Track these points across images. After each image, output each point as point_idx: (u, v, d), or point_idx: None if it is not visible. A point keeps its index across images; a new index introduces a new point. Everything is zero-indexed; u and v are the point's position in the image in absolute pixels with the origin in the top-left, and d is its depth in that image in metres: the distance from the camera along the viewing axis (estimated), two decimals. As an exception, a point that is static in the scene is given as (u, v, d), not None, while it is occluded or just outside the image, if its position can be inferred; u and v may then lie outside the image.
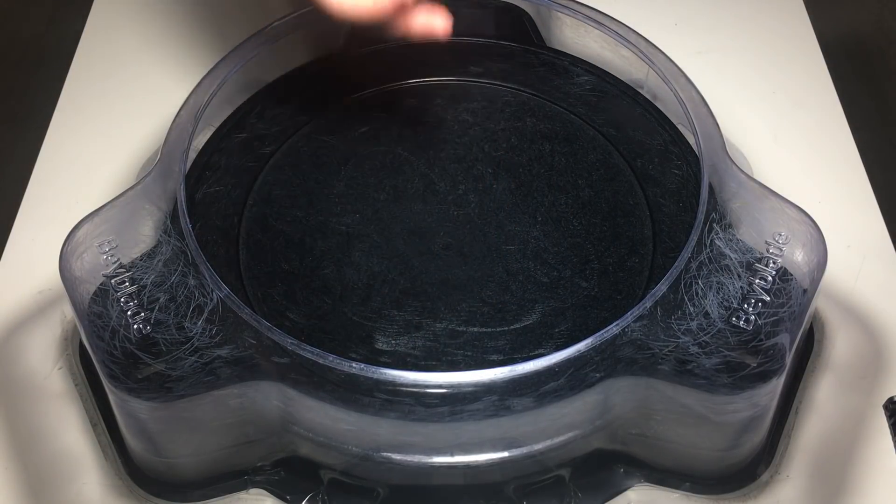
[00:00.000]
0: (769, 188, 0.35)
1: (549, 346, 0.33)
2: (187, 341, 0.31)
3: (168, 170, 0.36)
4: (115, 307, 0.32)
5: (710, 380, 0.31)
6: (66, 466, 0.35)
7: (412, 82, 0.42)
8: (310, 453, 0.34)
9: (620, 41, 0.40)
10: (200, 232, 0.36)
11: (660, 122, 0.40)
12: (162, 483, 0.35)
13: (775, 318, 0.32)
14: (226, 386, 0.31)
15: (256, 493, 0.35)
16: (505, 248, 0.36)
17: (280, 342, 0.31)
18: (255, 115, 0.41)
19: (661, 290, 0.32)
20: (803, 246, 0.33)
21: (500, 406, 0.31)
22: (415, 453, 0.33)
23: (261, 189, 0.38)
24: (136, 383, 0.31)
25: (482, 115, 0.41)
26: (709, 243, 0.34)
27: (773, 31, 0.50)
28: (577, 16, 0.41)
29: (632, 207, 0.37)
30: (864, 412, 0.36)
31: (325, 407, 0.32)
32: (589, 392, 0.32)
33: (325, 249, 0.36)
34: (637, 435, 0.34)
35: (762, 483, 0.35)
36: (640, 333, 0.32)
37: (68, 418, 0.36)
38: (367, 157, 0.39)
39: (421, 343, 0.33)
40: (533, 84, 0.42)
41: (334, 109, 0.41)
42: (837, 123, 0.46)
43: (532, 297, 0.35)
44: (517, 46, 0.43)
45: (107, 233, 0.34)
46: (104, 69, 0.48)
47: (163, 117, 0.40)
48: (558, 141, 0.40)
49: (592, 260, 0.36)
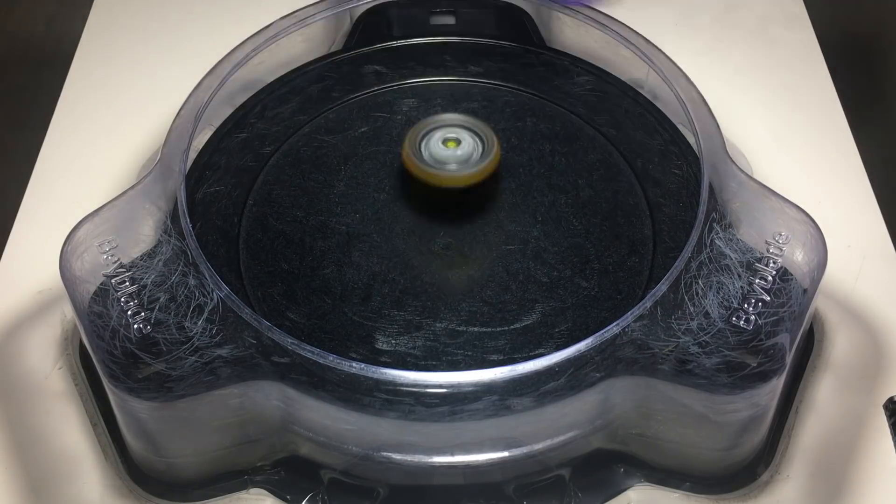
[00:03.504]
0: (769, 188, 0.35)
1: (549, 346, 0.33)
2: (187, 341, 0.31)
3: (168, 170, 0.36)
4: (115, 307, 0.32)
5: (710, 380, 0.31)
6: (66, 466, 0.35)
7: (412, 82, 0.42)
8: (310, 453, 0.34)
9: (620, 41, 0.40)
10: (200, 232, 0.36)
11: (660, 122, 0.40)
12: (162, 483, 0.35)
13: (775, 318, 0.32)
14: (226, 386, 0.31)
15: (256, 493, 0.35)
16: (505, 248, 0.36)
17: (280, 342, 0.31)
18: (255, 115, 0.41)
19: (661, 290, 0.32)
20: (803, 246, 0.33)
21: (500, 406, 0.31)
22: (415, 453, 0.33)
23: (261, 189, 0.38)
24: (136, 383, 0.31)
25: (482, 115, 0.41)
26: (709, 243, 0.34)
27: (773, 31, 0.50)
28: (577, 16, 0.41)
29: (632, 207, 0.37)
30: (864, 412, 0.36)
31: (325, 407, 0.32)
32: (589, 392, 0.32)
33: (325, 249, 0.36)
34: (637, 435, 0.34)
35: (762, 483, 0.35)
36: (640, 333, 0.32)
37: (68, 418, 0.36)
38: (367, 157, 0.39)
39: (421, 343, 0.33)
40: (533, 84, 0.42)
41: (334, 109, 0.41)
42: (837, 123, 0.46)
43: (532, 297, 0.35)
44: (517, 46, 0.43)
45: (107, 233, 0.34)
46: (104, 69, 0.48)
47: (163, 117, 0.40)
48: (558, 141, 0.40)
49: (592, 260, 0.36)
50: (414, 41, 0.44)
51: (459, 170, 0.35)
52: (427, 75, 0.42)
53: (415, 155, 0.35)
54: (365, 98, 0.41)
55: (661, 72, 0.39)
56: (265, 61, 0.41)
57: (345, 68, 0.43)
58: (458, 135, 0.36)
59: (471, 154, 0.36)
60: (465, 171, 0.35)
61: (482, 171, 0.35)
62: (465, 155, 0.36)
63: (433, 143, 0.36)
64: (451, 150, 0.36)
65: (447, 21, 0.45)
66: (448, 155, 0.35)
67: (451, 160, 0.35)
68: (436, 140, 0.36)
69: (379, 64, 0.43)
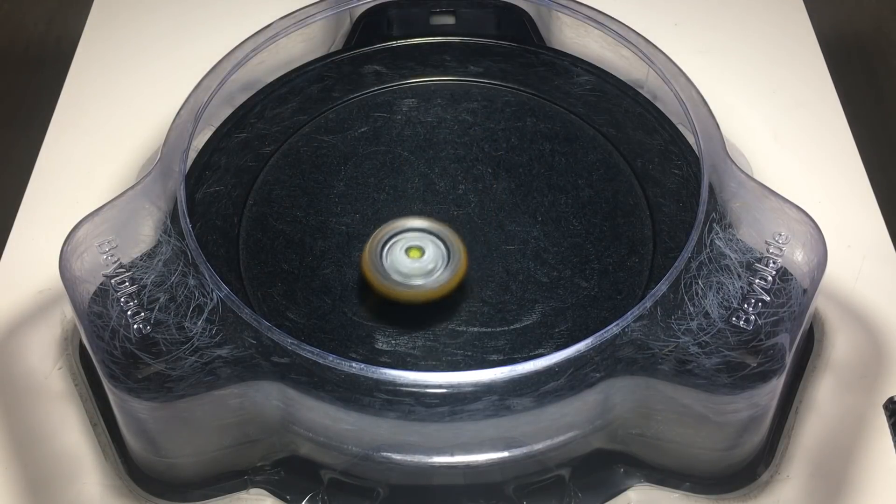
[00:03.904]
0: (769, 188, 0.35)
1: (549, 346, 0.33)
2: (187, 341, 0.31)
3: (168, 170, 0.36)
4: (115, 307, 0.32)
5: (710, 380, 0.31)
6: (66, 466, 0.35)
7: (412, 82, 0.42)
8: (310, 453, 0.34)
9: (620, 41, 0.40)
10: (200, 232, 0.36)
11: (660, 122, 0.40)
12: (162, 483, 0.35)
13: (775, 318, 0.32)
14: (226, 386, 0.31)
15: (256, 493, 0.35)
16: (505, 248, 0.36)
17: (280, 342, 0.31)
18: (255, 115, 0.41)
19: (661, 290, 0.32)
20: (803, 246, 0.33)
21: (500, 406, 0.31)
22: (415, 453, 0.33)
23: (261, 189, 0.38)
24: (136, 383, 0.31)
25: (482, 115, 0.41)
26: (709, 243, 0.34)
27: (773, 31, 0.50)
28: (577, 16, 0.41)
29: (632, 207, 0.37)
30: (864, 412, 0.36)
31: (325, 407, 0.32)
32: (589, 392, 0.32)
33: (325, 249, 0.36)
34: (637, 435, 0.34)
35: (762, 483, 0.35)
36: (640, 333, 0.32)
37: (68, 418, 0.36)
38: (367, 157, 0.39)
39: (421, 343, 0.33)
40: (533, 84, 0.42)
41: (334, 109, 0.41)
42: (837, 123, 0.46)
43: (532, 297, 0.35)
44: (517, 46, 0.43)
45: (107, 233, 0.34)
46: (104, 69, 0.48)
47: (163, 117, 0.40)
48: (558, 141, 0.40)
49: (592, 260, 0.36)
50: (414, 41, 0.44)
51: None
52: (427, 75, 0.42)
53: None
54: (365, 98, 0.41)
55: (660, 72, 0.39)
56: (265, 61, 0.41)
57: (345, 68, 0.43)
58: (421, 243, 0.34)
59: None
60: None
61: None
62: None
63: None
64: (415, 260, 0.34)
65: (447, 21, 0.45)
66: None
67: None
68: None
69: (379, 64, 0.43)
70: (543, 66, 0.43)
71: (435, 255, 0.34)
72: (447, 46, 0.43)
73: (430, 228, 0.34)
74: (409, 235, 0.34)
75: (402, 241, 0.34)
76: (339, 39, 0.45)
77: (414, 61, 0.43)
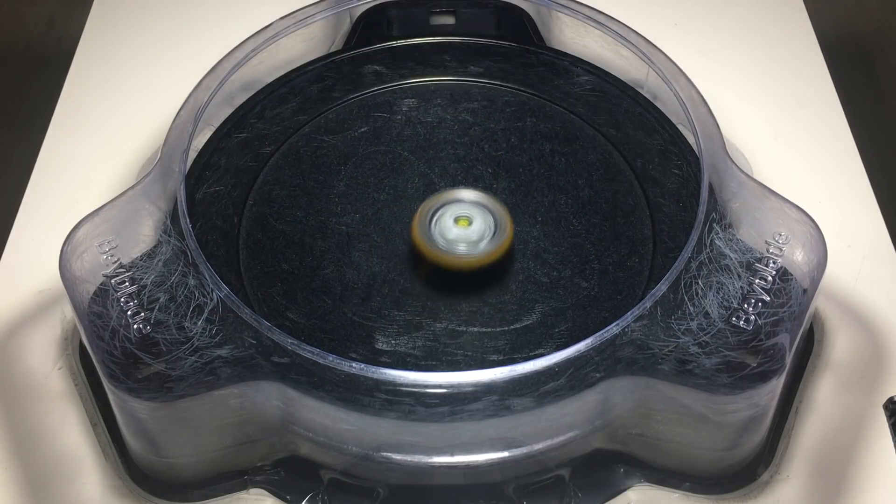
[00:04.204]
0: (769, 188, 0.35)
1: (549, 346, 0.33)
2: (187, 341, 0.31)
3: (168, 170, 0.36)
4: (115, 307, 0.32)
5: (710, 380, 0.31)
6: (66, 466, 0.35)
7: (412, 82, 0.42)
8: (310, 453, 0.34)
9: (620, 41, 0.40)
10: (200, 232, 0.36)
11: (660, 122, 0.40)
12: (162, 483, 0.35)
13: (775, 318, 0.32)
14: (226, 386, 0.31)
15: (256, 493, 0.35)
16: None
17: (280, 342, 0.31)
18: (255, 115, 0.41)
19: (661, 290, 0.32)
20: (803, 246, 0.33)
21: (500, 406, 0.31)
22: (415, 453, 0.33)
23: (261, 189, 0.38)
24: (136, 383, 0.31)
25: (482, 115, 0.41)
26: (709, 243, 0.34)
27: (773, 31, 0.50)
28: (577, 16, 0.41)
29: (632, 207, 0.37)
30: (864, 412, 0.36)
31: (325, 407, 0.32)
32: (589, 392, 0.32)
33: (325, 249, 0.36)
34: (637, 435, 0.34)
35: (762, 483, 0.35)
36: (640, 333, 0.32)
37: (68, 418, 0.36)
38: (367, 157, 0.39)
39: (421, 343, 0.33)
40: (533, 84, 0.42)
41: (334, 109, 0.41)
42: (837, 123, 0.46)
43: (532, 297, 0.35)
44: (517, 46, 0.43)
45: (107, 233, 0.34)
46: (104, 69, 0.48)
47: (163, 117, 0.40)
48: (558, 141, 0.40)
49: (592, 260, 0.36)
50: (414, 41, 0.44)
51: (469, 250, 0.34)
52: (427, 75, 0.42)
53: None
54: (365, 98, 0.41)
55: (660, 72, 0.39)
56: (265, 61, 0.41)
57: (345, 68, 0.43)
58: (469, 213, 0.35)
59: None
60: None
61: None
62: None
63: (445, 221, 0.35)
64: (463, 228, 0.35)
65: (447, 21, 0.45)
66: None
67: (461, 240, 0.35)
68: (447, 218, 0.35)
69: (379, 64, 0.43)
70: (543, 66, 0.43)
71: (482, 226, 0.35)
72: (447, 46, 0.43)
73: (479, 200, 0.36)
74: (458, 206, 0.35)
75: (451, 211, 0.35)
76: (339, 39, 0.45)
77: (414, 61, 0.43)
